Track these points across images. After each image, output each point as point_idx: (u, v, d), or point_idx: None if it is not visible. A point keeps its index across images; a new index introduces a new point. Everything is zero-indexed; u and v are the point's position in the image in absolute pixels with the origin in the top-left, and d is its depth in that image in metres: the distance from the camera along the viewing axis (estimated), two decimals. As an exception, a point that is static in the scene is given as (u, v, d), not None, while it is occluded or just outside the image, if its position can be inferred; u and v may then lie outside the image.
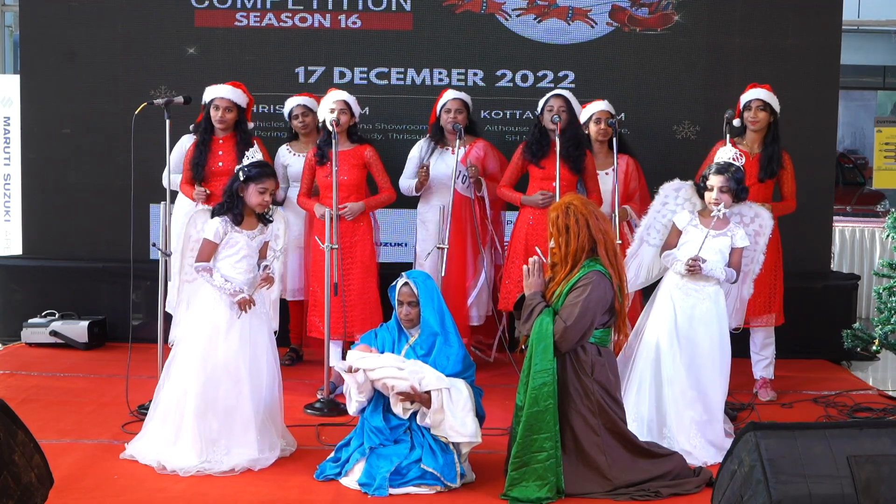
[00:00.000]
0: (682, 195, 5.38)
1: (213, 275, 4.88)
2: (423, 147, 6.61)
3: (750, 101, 6.03)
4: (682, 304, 5.14)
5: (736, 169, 5.21)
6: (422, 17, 7.50)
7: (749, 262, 5.41)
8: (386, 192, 6.26)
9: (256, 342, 4.93)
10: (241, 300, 4.85)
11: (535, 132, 6.31)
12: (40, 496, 3.91)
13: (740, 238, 5.23)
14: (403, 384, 4.54)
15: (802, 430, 3.78)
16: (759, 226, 5.42)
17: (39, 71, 7.67)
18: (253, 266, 4.97)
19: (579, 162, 6.16)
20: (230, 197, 4.94)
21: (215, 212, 4.97)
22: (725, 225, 5.23)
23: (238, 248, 4.92)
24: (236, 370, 4.82)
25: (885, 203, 13.24)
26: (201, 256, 4.92)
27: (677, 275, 5.19)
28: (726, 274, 5.18)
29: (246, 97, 6.24)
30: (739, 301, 5.55)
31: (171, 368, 4.92)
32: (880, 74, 18.49)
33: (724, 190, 5.16)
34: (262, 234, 5.01)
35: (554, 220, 4.60)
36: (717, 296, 5.18)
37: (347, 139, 6.18)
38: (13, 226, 8.34)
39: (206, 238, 4.91)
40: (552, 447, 4.39)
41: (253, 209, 4.95)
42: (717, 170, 5.20)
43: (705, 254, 5.13)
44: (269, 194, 4.95)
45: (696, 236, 5.18)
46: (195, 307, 4.95)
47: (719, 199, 5.15)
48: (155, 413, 4.91)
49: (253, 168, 4.92)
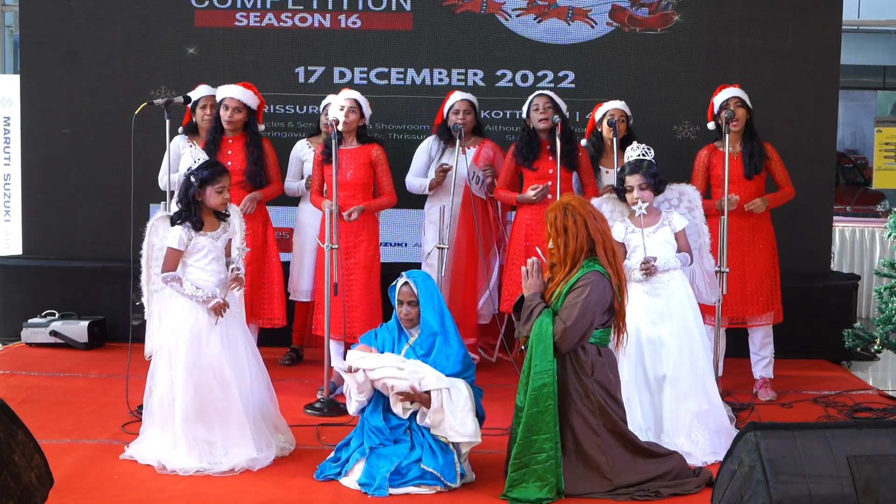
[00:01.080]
0: (607, 209, 5.33)
1: (182, 284, 4.82)
2: (433, 146, 6.61)
3: (727, 100, 6.04)
4: (657, 305, 5.15)
5: (648, 163, 5.24)
6: (422, 17, 7.50)
7: (697, 237, 5.45)
8: (387, 195, 6.24)
9: (236, 343, 4.90)
10: (215, 305, 4.81)
11: (524, 135, 6.32)
12: (40, 496, 3.91)
13: (678, 221, 5.28)
14: (403, 384, 4.54)
15: (802, 430, 3.77)
16: (688, 202, 5.47)
17: (39, 71, 7.67)
18: (222, 266, 4.92)
19: (572, 158, 6.17)
20: (187, 203, 4.84)
21: (174, 219, 4.87)
22: (659, 216, 5.27)
23: (205, 252, 4.85)
24: (222, 374, 4.79)
25: (885, 203, 13.25)
26: (167, 266, 4.83)
27: (639, 283, 5.19)
28: (681, 260, 5.23)
29: (257, 99, 6.25)
30: (707, 276, 5.54)
31: (155, 379, 4.88)
32: (880, 74, 18.48)
33: (644, 187, 5.19)
34: (225, 233, 4.95)
35: (552, 221, 4.60)
36: (683, 281, 5.23)
37: (356, 139, 6.18)
38: (13, 226, 8.34)
39: (170, 247, 4.83)
40: (552, 448, 4.39)
41: (213, 209, 4.89)
42: (631, 170, 5.23)
43: (652, 251, 5.16)
44: (226, 191, 4.88)
45: (638, 240, 5.21)
46: (170, 317, 4.88)
47: (640, 196, 5.17)
48: (152, 420, 4.90)
49: (204, 171, 4.83)
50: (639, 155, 5.29)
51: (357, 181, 6.12)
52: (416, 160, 6.68)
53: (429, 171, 6.61)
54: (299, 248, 6.71)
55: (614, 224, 5.23)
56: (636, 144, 5.40)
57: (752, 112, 6.10)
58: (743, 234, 6.08)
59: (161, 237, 4.95)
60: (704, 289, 5.51)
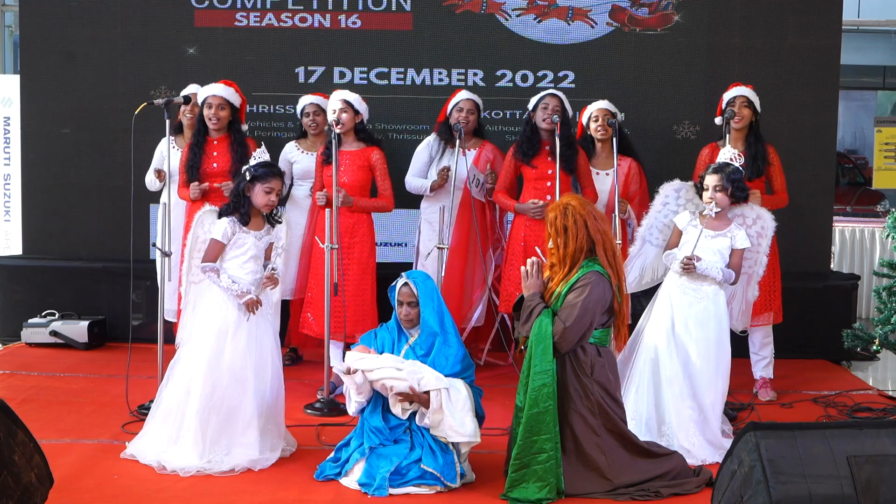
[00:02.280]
0: (683, 196, 5.39)
1: (219, 276, 4.87)
2: (434, 146, 6.60)
3: (734, 98, 6.04)
4: (680, 304, 5.15)
5: (733, 169, 5.21)
6: (422, 16, 7.50)
7: (752, 265, 5.41)
8: (384, 199, 6.22)
9: (262, 344, 4.93)
10: (248, 301, 4.85)
11: (527, 130, 6.30)
12: (40, 496, 3.91)
13: (741, 239, 5.23)
14: (402, 384, 4.54)
15: (802, 430, 3.77)
16: (761, 227, 5.41)
17: (39, 71, 7.67)
18: (260, 267, 4.98)
19: (572, 161, 6.16)
20: (237, 197, 4.93)
21: (222, 212, 4.96)
22: (726, 226, 5.22)
23: (246, 249, 4.91)
24: (242, 371, 4.83)
25: (885, 203, 13.25)
26: (208, 257, 4.91)
27: (676, 274, 5.20)
28: (724, 274, 5.17)
29: (239, 97, 6.22)
30: (745, 303, 5.54)
31: (175, 368, 4.92)
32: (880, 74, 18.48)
33: (719, 189, 5.17)
34: (269, 235, 5.01)
35: (552, 221, 4.60)
36: (716, 296, 5.18)
37: (354, 139, 6.17)
38: (13, 226, 8.34)
39: (214, 238, 4.91)
40: (552, 448, 4.39)
41: (259, 209, 4.95)
42: (714, 169, 5.22)
43: (701, 253, 5.14)
44: (275, 194, 4.95)
45: (694, 237, 5.19)
46: (202, 308, 4.95)
47: (713, 197, 5.16)
48: (157, 412, 4.91)
49: (260, 168, 4.92)
50: (729, 158, 5.27)
51: (354, 183, 6.11)
52: (416, 159, 6.66)
53: (429, 170, 6.60)
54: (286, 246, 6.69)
55: (684, 212, 5.25)
56: (730, 148, 5.39)
57: (758, 113, 6.08)
58: (743, 233, 6.08)
59: (206, 230, 5.02)
60: (738, 314, 5.50)
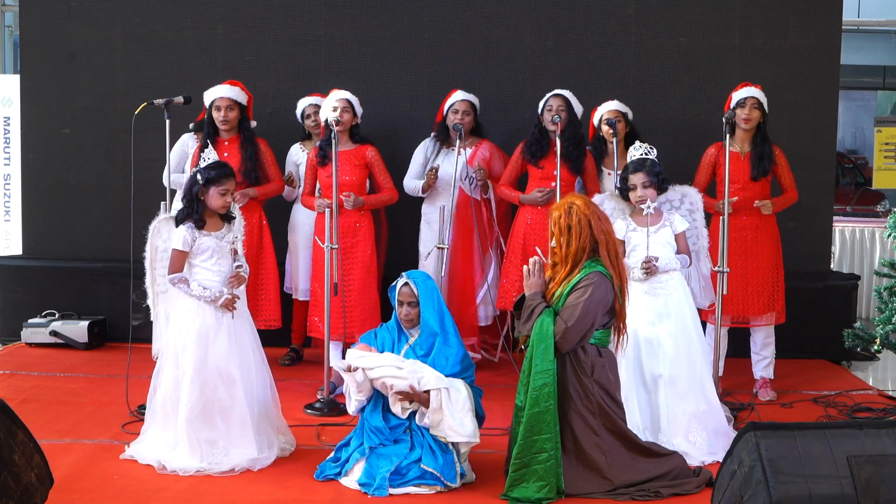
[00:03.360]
0: (608, 207, 5.34)
1: (189, 285, 4.82)
2: (429, 147, 6.60)
3: (745, 99, 6.02)
4: (655, 305, 5.15)
5: (651, 162, 5.24)
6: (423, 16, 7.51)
7: (696, 240, 5.46)
8: (387, 191, 6.26)
9: (243, 342, 4.91)
10: (225, 302, 4.82)
11: (535, 132, 6.31)
12: (40, 496, 3.91)
13: (679, 222, 5.29)
14: (402, 384, 4.54)
15: (802, 430, 3.77)
16: (689, 203, 5.48)
17: (39, 71, 7.68)
18: (230, 265, 4.92)
19: (579, 162, 6.16)
20: (190, 202, 4.84)
21: (178, 219, 4.88)
22: (660, 217, 5.28)
23: (211, 252, 4.85)
24: (228, 373, 4.81)
25: (885, 203, 13.26)
26: (173, 267, 4.84)
27: (638, 282, 5.18)
28: (680, 262, 5.23)
29: (245, 94, 6.22)
30: (703, 279, 5.56)
31: (160, 378, 4.88)
32: (880, 74, 18.49)
33: (647, 185, 5.19)
34: (230, 232, 4.94)
35: (556, 220, 4.60)
36: (681, 282, 5.24)
37: (349, 139, 6.18)
38: (13, 226, 8.35)
39: (175, 248, 4.83)
40: (552, 448, 4.39)
41: (216, 211, 4.88)
42: (634, 168, 5.23)
43: (654, 251, 5.17)
44: (229, 195, 4.87)
45: (639, 239, 5.21)
46: (177, 316, 4.89)
47: (644, 195, 5.17)
48: (153, 420, 4.90)
49: (211, 170, 4.82)
50: (641, 154, 5.29)
51: (352, 182, 6.12)
52: (413, 162, 6.67)
53: (424, 172, 6.60)
54: (294, 247, 6.70)
55: (616, 221, 5.24)
56: (639, 144, 5.39)
57: (766, 114, 6.07)
58: (746, 233, 6.08)
59: (165, 239, 4.96)
60: (699, 292, 5.53)
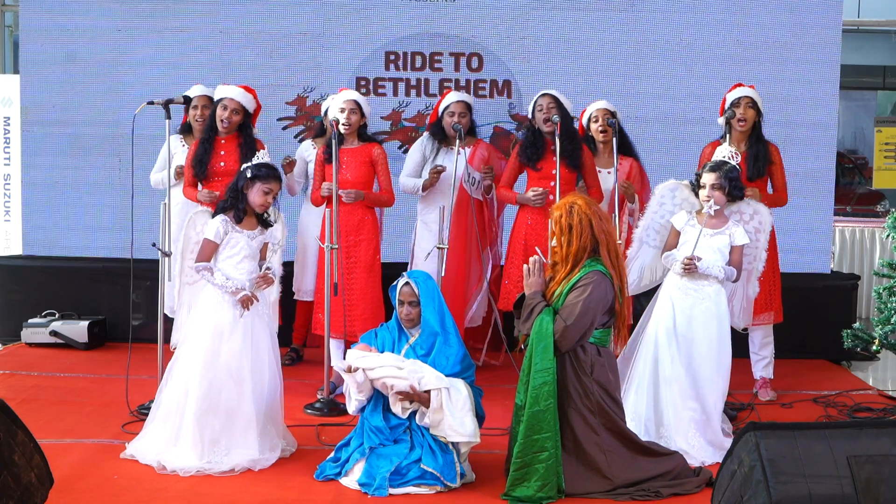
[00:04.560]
0: (679, 195, 5.37)
1: (213, 274, 4.88)
2: (427, 146, 6.58)
3: (738, 99, 6.01)
4: (682, 304, 5.14)
5: (730, 168, 5.20)
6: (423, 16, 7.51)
7: (752, 261, 5.40)
8: (387, 193, 6.24)
9: (259, 343, 4.93)
10: (242, 298, 4.86)
11: (529, 135, 6.29)
12: (40, 496, 3.91)
13: (740, 236, 5.22)
14: (403, 383, 4.54)
15: (802, 430, 3.77)
16: (758, 223, 5.42)
17: (39, 71, 7.67)
18: (255, 267, 4.98)
19: (576, 158, 6.14)
20: (234, 193, 4.95)
21: (217, 209, 4.98)
22: (724, 223, 5.22)
23: (239, 249, 4.92)
24: (239, 371, 4.83)
25: (885, 203, 13.26)
26: (202, 256, 4.93)
27: (676, 275, 5.19)
28: (725, 272, 5.16)
29: (255, 103, 6.23)
30: (746, 300, 5.53)
31: (173, 370, 4.92)
32: (880, 74, 18.46)
33: (716, 187, 5.16)
34: (262, 235, 5.01)
35: (557, 220, 4.60)
36: (718, 296, 5.17)
37: (357, 139, 6.17)
38: (13, 226, 8.34)
39: (207, 238, 4.92)
40: (553, 447, 4.39)
41: (254, 209, 4.96)
42: (710, 168, 5.21)
43: (701, 252, 5.13)
44: (272, 196, 4.96)
45: (693, 236, 5.18)
46: (198, 309, 4.95)
47: (710, 195, 5.15)
48: (156, 414, 4.91)
49: (261, 168, 4.95)
50: (724, 156, 5.26)
51: (358, 180, 6.11)
52: (409, 160, 6.66)
53: (422, 171, 6.59)
54: (302, 248, 6.71)
55: (681, 212, 5.25)
56: (727, 146, 5.38)
57: (762, 114, 6.08)
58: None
59: (198, 230, 5.03)
60: (739, 312, 5.49)
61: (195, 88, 6.44)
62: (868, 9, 14.19)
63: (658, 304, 5.22)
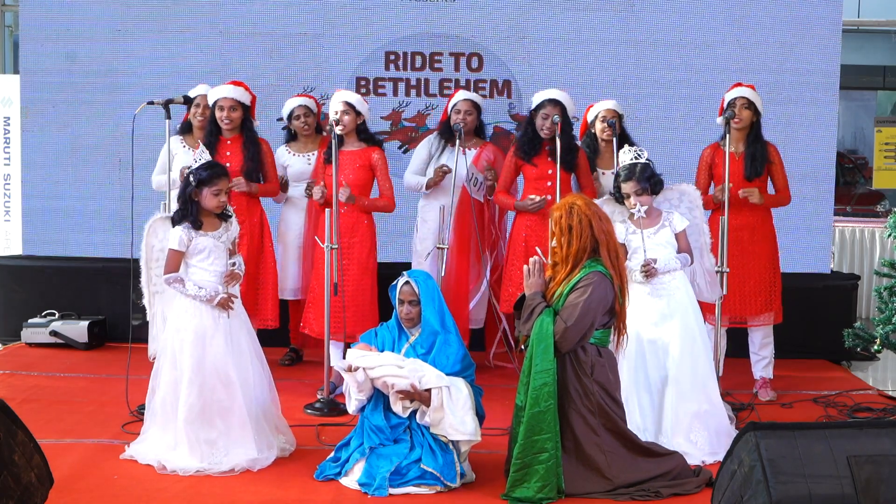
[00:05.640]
0: (607, 210, 5.24)
1: (185, 285, 4.81)
2: (434, 144, 6.58)
3: (734, 100, 6.02)
4: (658, 306, 5.14)
5: (642, 167, 5.18)
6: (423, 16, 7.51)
7: (698, 236, 5.42)
8: (385, 199, 6.21)
9: (239, 342, 4.90)
10: (221, 301, 4.81)
11: (528, 130, 6.27)
12: (40, 496, 3.91)
13: (678, 221, 5.25)
14: (403, 382, 4.54)
15: (802, 430, 3.77)
16: (689, 201, 5.45)
17: (39, 71, 7.68)
18: (226, 263, 4.90)
19: (572, 159, 6.15)
20: (185, 203, 4.82)
21: (174, 220, 4.86)
22: (659, 217, 5.24)
23: (207, 252, 4.84)
24: (226, 373, 4.80)
25: (885, 203, 13.27)
26: (169, 267, 4.83)
27: (639, 284, 5.17)
28: (681, 261, 5.21)
29: (249, 95, 6.22)
30: (708, 274, 5.52)
31: (158, 379, 4.88)
32: (880, 74, 18.47)
33: (640, 192, 5.15)
34: (228, 232, 4.92)
35: (557, 220, 4.59)
36: (684, 282, 5.22)
37: (356, 139, 6.15)
38: (13, 226, 8.34)
39: (172, 248, 4.82)
40: (553, 447, 4.39)
41: (210, 211, 4.86)
42: (625, 177, 5.19)
43: (653, 253, 5.14)
44: (223, 195, 4.85)
45: (638, 241, 5.19)
46: (174, 317, 4.88)
47: (639, 202, 5.14)
48: (153, 421, 4.89)
49: (203, 171, 4.80)
50: (631, 159, 5.23)
51: (356, 182, 6.09)
52: (415, 157, 6.66)
53: (427, 169, 6.59)
54: (283, 248, 6.69)
55: (615, 225, 5.22)
56: (628, 148, 5.34)
57: (759, 114, 6.07)
58: (743, 233, 6.07)
59: (161, 238, 4.94)
60: (705, 287, 5.50)
61: (199, 88, 6.41)
62: (868, 9, 14.20)
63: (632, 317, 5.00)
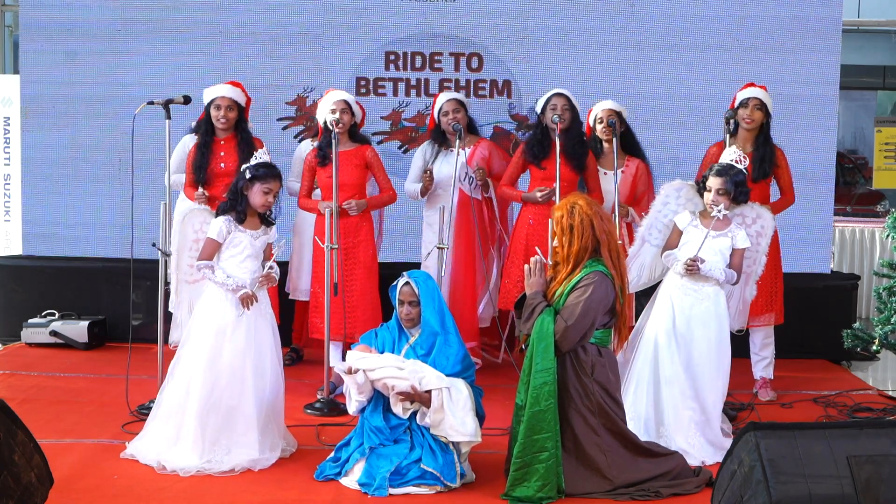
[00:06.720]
0: (684, 195, 5.37)
1: (214, 271, 4.88)
2: (427, 151, 6.59)
3: (747, 100, 6.00)
4: (681, 304, 5.14)
5: (737, 171, 5.19)
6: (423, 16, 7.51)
7: (751, 264, 5.41)
8: (387, 192, 6.24)
9: (261, 342, 4.93)
10: (243, 296, 4.85)
11: (537, 132, 6.27)
12: (40, 496, 3.91)
13: (741, 239, 5.22)
14: (403, 384, 4.54)
15: (802, 430, 3.77)
16: (760, 227, 5.41)
17: (39, 71, 7.68)
18: (258, 267, 4.97)
19: (581, 160, 6.14)
20: (234, 195, 4.95)
21: (219, 210, 4.98)
22: (726, 226, 5.22)
23: (242, 248, 4.91)
24: (241, 370, 4.83)
25: (885, 203, 13.27)
26: (204, 255, 4.92)
27: (677, 275, 5.19)
28: (726, 275, 5.17)
29: (244, 96, 6.22)
30: (742, 303, 5.54)
31: (175, 369, 4.91)
32: (880, 74, 18.47)
33: (722, 192, 5.15)
34: (265, 235, 5.00)
35: (558, 220, 4.60)
36: (717, 296, 5.18)
37: (349, 139, 6.16)
38: (13, 226, 8.34)
39: (210, 237, 4.92)
40: (553, 447, 4.39)
41: (255, 209, 4.96)
42: (717, 171, 5.19)
43: (704, 254, 5.13)
44: (272, 195, 4.95)
45: (696, 237, 5.17)
46: (199, 308, 4.94)
47: (716, 200, 5.14)
48: (157, 412, 4.91)
49: (260, 168, 4.94)
50: (732, 160, 5.24)
51: (351, 182, 6.09)
52: (412, 166, 6.66)
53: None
54: (298, 247, 6.70)
55: (684, 212, 5.24)
56: (734, 149, 5.35)
57: (769, 116, 6.06)
58: (745, 234, 6.07)
59: (195, 229, 5.04)
60: (735, 314, 5.48)
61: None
62: (868, 9, 14.19)
63: (657, 303, 5.22)
